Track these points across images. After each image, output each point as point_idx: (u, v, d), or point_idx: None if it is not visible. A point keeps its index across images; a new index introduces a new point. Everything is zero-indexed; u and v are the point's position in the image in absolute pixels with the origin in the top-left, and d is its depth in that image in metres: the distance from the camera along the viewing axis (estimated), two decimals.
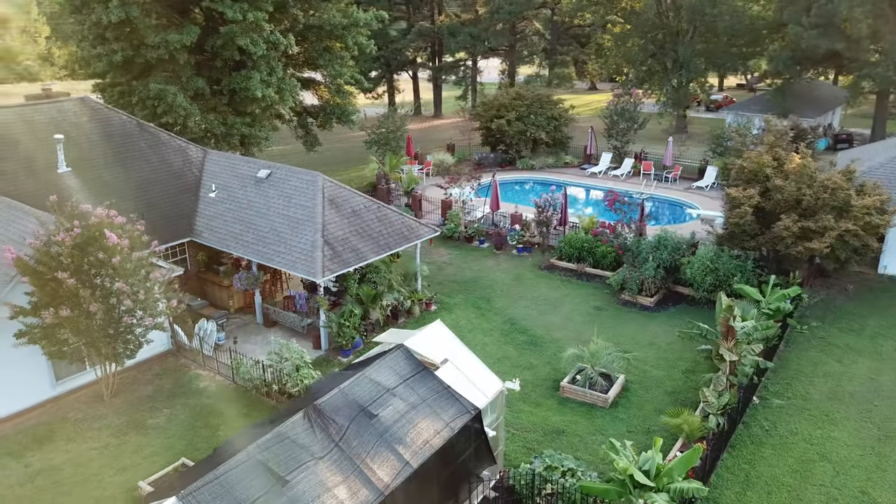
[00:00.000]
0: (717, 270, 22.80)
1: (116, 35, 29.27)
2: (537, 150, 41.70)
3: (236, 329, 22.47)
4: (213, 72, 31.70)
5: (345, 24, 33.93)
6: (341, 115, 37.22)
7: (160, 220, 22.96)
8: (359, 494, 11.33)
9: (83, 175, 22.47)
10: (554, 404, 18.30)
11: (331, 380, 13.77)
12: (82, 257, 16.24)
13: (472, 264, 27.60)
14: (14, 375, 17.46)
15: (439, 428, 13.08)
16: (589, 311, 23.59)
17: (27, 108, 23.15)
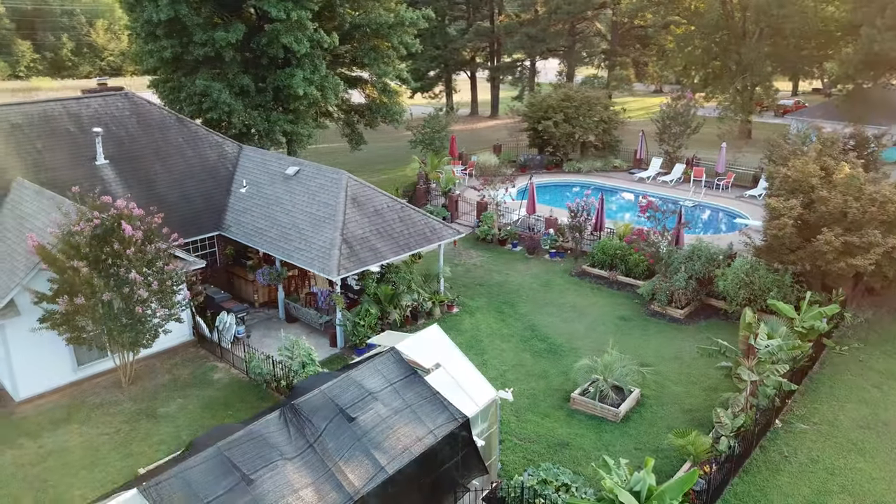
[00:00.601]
0: (752, 284, 21.70)
1: (166, 32, 30.20)
2: (586, 153, 40.82)
3: (259, 323, 22.80)
4: (259, 69, 32.31)
5: (391, 23, 34.00)
6: (387, 113, 37.35)
7: (191, 213, 23.55)
8: (326, 498, 11.21)
9: (120, 167, 23.22)
10: (562, 416, 17.78)
11: (317, 379, 13.71)
12: (100, 247, 16.74)
13: (502, 267, 27.19)
14: (38, 359, 18.16)
15: (421, 434, 12.83)
16: (615, 320, 22.86)
17: (72, 101, 24.09)
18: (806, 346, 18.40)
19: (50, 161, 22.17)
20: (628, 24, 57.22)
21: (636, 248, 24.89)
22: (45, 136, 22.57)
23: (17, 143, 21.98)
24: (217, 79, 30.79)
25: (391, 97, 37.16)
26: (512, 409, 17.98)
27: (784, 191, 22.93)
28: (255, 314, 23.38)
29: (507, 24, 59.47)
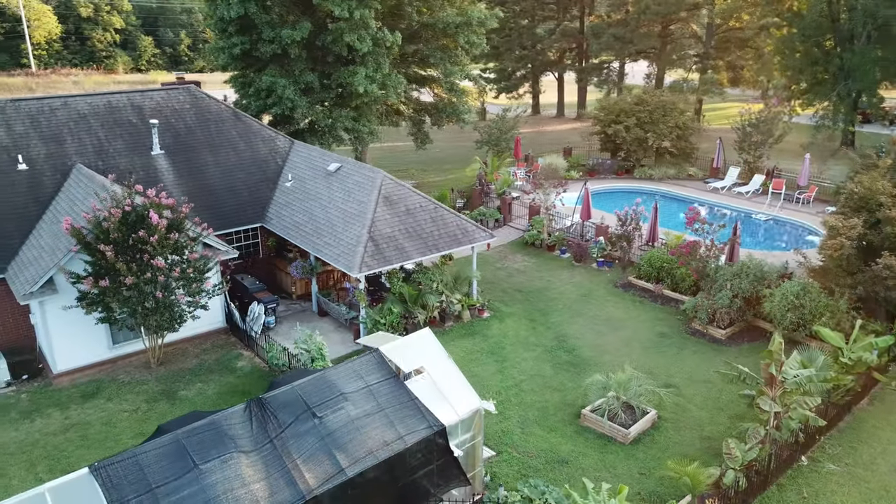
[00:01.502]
0: (802, 308, 20.09)
1: (237, 29, 31.35)
2: (661, 159, 39.15)
3: (292, 315, 23.29)
4: (325, 66, 32.97)
5: (458, 23, 33.84)
6: (453, 113, 37.23)
7: (236, 203, 24.36)
8: (277, 494, 11.24)
9: (174, 157, 24.32)
10: (570, 432, 17.10)
11: (297, 375, 13.78)
12: (127, 233, 17.57)
13: (546, 274, 26.50)
14: (76, 335, 19.29)
15: (390, 439, 12.65)
16: (651, 336, 21.78)
17: (136, 94, 25.46)
18: (846, 380, 16.86)
19: (110, 149, 23.51)
20: (724, 26, 54.45)
21: (681, 261, 23.58)
22: (107, 126, 23.94)
23: (83, 132, 23.43)
24: (283, 75, 31.66)
25: (459, 96, 36.99)
26: (518, 421, 17.50)
27: (848, 208, 21.13)
28: (290, 306, 23.91)
29: (594, 25, 57.96)
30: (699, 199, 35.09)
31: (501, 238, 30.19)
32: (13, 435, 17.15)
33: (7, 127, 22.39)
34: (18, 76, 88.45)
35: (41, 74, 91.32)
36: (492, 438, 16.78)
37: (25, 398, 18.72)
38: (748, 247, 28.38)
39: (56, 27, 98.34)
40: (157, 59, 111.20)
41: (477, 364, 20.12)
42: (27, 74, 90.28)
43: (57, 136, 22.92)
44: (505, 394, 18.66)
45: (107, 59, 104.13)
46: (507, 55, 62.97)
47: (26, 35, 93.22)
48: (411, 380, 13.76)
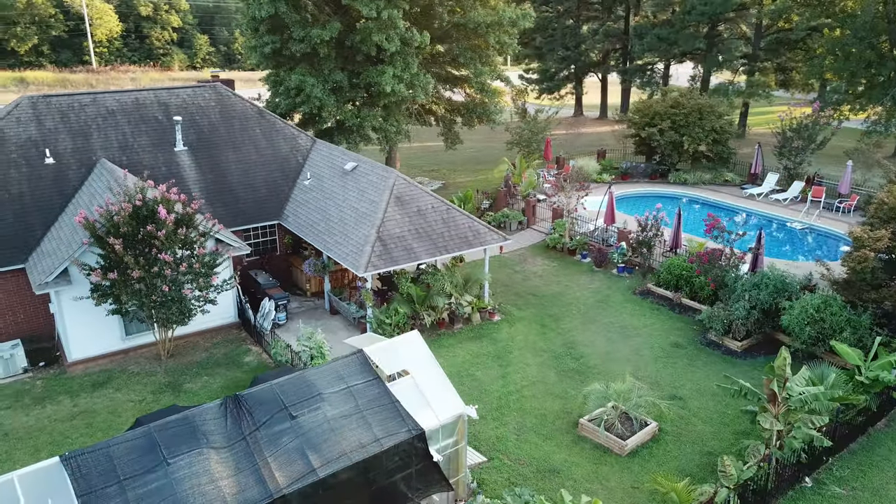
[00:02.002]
0: (822, 321, 19.24)
1: (268, 28, 31.82)
2: (697, 164, 38.13)
3: (305, 312, 23.49)
4: (354, 66, 33.18)
5: (489, 23, 33.60)
6: (483, 113, 36.99)
7: (255, 200, 24.69)
8: (246, 492, 11.30)
9: (196, 154, 24.81)
10: (566, 441, 16.75)
11: (279, 373, 13.85)
12: (137, 227, 17.97)
13: (563, 278, 26.08)
14: (90, 325, 19.83)
15: (366, 441, 12.59)
16: (664, 346, 21.19)
17: (164, 91, 26.05)
18: (858, 399, 16.06)
19: (134, 145, 24.12)
20: (774, 28, 52.66)
21: (697, 270, 22.88)
22: (133, 122, 24.57)
23: (109, 128, 24.09)
24: (313, 74, 31.98)
25: (489, 97, 36.71)
26: (514, 428, 17.24)
27: (877, 219, 20.16)
28: (304, 303, 24.13)
29: (638, 26, 56.81)
30: (733, 205, 34.09)
31: (523, 241, 29.88)
32: (24, 420, 17.74)
33: (38, 122, 23.19)
34: (80, 73, 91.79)
35: (101, 71, 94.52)
36: (485, 444, 16.60)
37: (40, 384, 19.36)
38: (778, 256, 27.45)
39: (117, 25, 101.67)
40: (211, 58, 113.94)
41: (480, 368, 19.92)
42: (88, 71, 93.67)
43: (84, 131, 23.63)
44: (505, 399, 18.42)
45: (164, 57, 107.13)
46: (549, 56, 62.38)
47: (88, 33, 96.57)
48: (394, 382, 13.67)
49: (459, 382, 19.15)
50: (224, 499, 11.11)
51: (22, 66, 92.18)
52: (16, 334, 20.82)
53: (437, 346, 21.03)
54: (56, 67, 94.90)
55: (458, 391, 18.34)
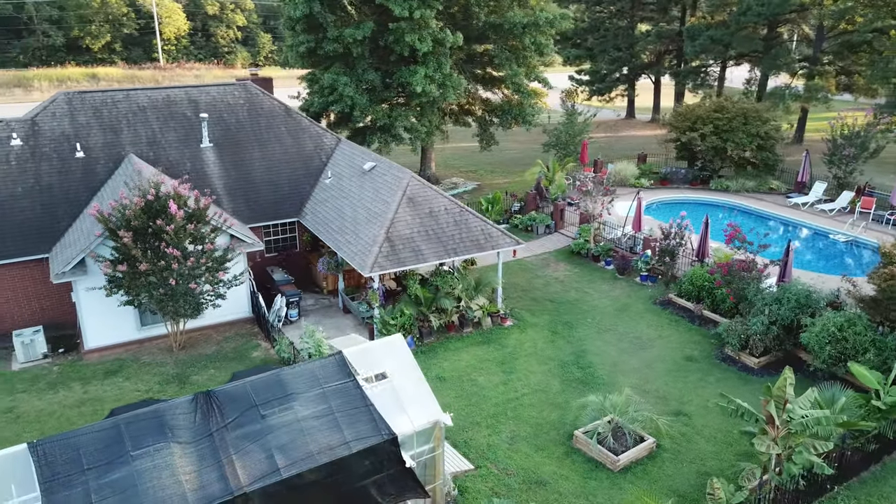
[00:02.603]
0: (844, 341, 18.22)
1: (304, 28, 32.22)
2: (742, 170, 36.72)
3: (319, 310, 23.67)
4: (389, 65, 33.27)
5: (525, 23, 33.17)
6: (519, 114, 36.52)
7: (276, 197, 25.03)
8: (206, 488, 11.39)
9: (221, 150, 25.31)
10: (558, 452, 16.35)
11: (258, 370, 13.93)
12: (146, 221, 18.43)
13: (584, 285, 25.50)
14: (106, 315, 20.45)
15: (334, 444, 12.53)
16: (677, 359, 20.46)
17: (194, 89, 26.68)
18: (869, 425, 15.12)
19: (162, 141, 24.78)
20: (837, 29, 50.27)
21: (717, 281, 21.99)
22: (162, 119, 25.24)
23: (139, 124, 24.81)
24: (347, 74, 32.23)
25: (526, 98, 36.21)
26: (507, 436, 16.93)
27: None
28: (319, 301, 24.32)
29: (690, 27, 55.08)
30: (774, 214, 32.71)
31: (549, 245, 29.39)
32: (36, 404, 18.42)
33: (71, 117, 24.07)
34: (148, 70, 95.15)
35: (167, 68, 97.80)
36: (475, 451, 16.35)
37: (56, 370, 20.08)
38: (815, 270, 26.17)
39: (185, 24, 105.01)
40: (273, 55, 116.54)
41: (482, 373, 19.65)
42: (155, 68, 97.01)
43: (115, 126, 24.41)
44: (502, 406, 18.12)
45: (228, 55, 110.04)
46: (601, 57, 61.24)
47: (157, 31, 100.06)
48: (371, 386, 13.57)
49: (459, 387, 18.97)
50: (184, 494, 11.23)
51: (95, 62, 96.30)
52: (40, 321, 21.66)
53: (443, 350, 20.88)
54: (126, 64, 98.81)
55: (456, 396, 18.34)
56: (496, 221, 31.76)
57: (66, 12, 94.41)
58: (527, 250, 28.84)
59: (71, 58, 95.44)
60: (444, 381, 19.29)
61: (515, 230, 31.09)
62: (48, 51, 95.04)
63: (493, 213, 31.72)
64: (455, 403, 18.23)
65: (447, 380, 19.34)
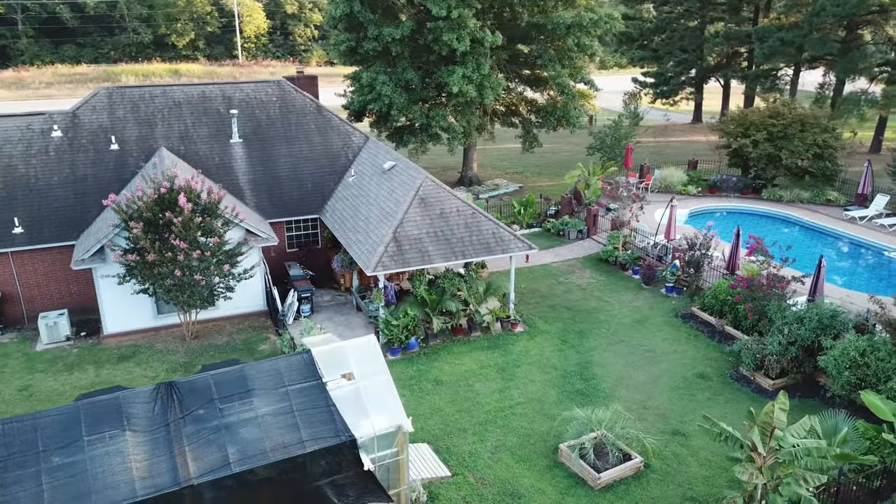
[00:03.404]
0: (865, 366, 16.94)
1: (345, 27, 32.58)
2: (799, 180, 34.74)
3: (333, 307, 23.86)
4: (428, 65, 33.21)
5: (569, 24, 32.45)
6: (563, 116, 35.74)
7: (299, 194, 25.38)
8: (155, 478, 11.60)
9: (250, 146, 25.87)
10: (541, 465, 15.87)
11: (227, 364, 14.09)
12: (156, 213, 19.00)
13: (606, 294, 24.71)
14: (125, 302, 21.23)
15: (289, 442, 12.54)
16: (688, 376, 19.54)
17: (228, 85, 27.37)
18: (870, 460, 13.99)
19: (194, 135, 25.53)
20: None
21: (737, 296, 20.85)
22: (196, 114, 26.01)
23: (173, 118, 25.66)
24: (386, 72, 32.37)
25: (570, 100, 35.38)
26: (491, 445, 16.57)
27: None
28: (336, 297, 24.51)
29: (760, 28, 52.54)
30: (825, 228, 30.85)
31: (578, 251, 28.66)
32: (50, 384, 19.30)
33: (110, 111, 25.13)
34: (227, 66, 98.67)
35: (245, 65, 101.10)
36: (455, 458, 16.08)
37: (75, 353, 20.99)
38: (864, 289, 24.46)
39: (264, 22, 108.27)
40: None
41: (481, 379, 19.32)
42: (234, 65, 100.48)
43: (150, 120, 25.32)
44: (493, 414, 17.74)
45: (304, 53, 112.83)
46: (666, 58, 59.36)
47: (237, 29, 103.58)
48: (336, 386, 13.51)
49: (455, 392, 18.72)
50: (132, 481, 11.47)
51: (179, 59, 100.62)
52: (68, 305, 22.71)
53: (447, 353, 20.67)
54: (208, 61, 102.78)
55: (450, 400, 18.13)
56: (528, 225, 31.32)
57: (155, 10, 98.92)
58: (555, 255, 28.29)
59: (157, 54, 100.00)
60: (440, 384, 19.07)
61: (547, 234, 30.53)
62: (137, 47, 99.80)
63: (525, 216, 31.21)
64: (447, 408, 18.01)
65: (444, 384, 19.11)
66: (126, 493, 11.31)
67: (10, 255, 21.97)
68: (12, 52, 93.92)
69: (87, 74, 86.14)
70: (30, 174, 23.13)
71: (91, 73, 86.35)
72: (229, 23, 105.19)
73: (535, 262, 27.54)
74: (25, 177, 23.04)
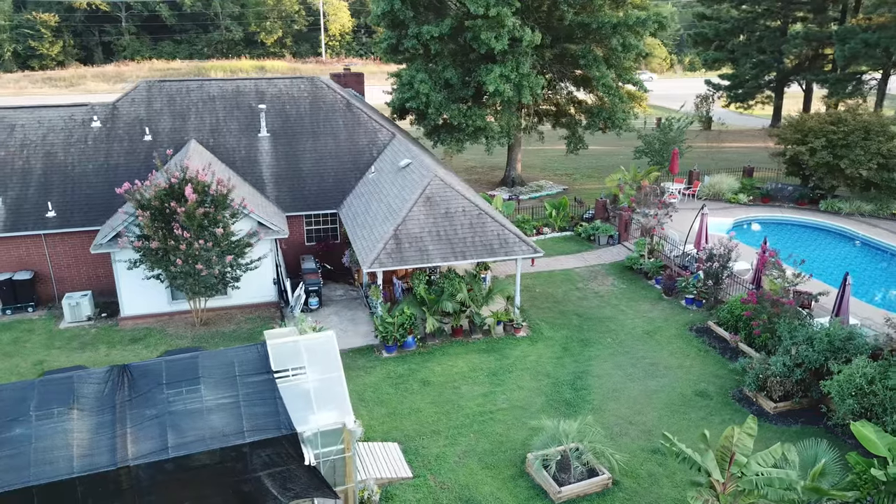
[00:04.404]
0: (872, 395, 15.61)
1: (388, 24, 32.81)
2: (866, 191, 32.34)
3: (344, 301, 24.09)
4: (469, 64, 32.98)
5: (614, 23, 31.46)
6: (608, 118, 34.69)
7: (320, 188, 25.76)
8: (94, 457, 12.01)
9: (276, 140, 26.48)
10: (506, 474, 15.48)
11: (186, 351, 14.43)
12: (165, 202, 19.73)
13: (623, 303, 23.82)
14: (141, 287, 22.13)
15: (230, 431, 12.72)
16: (686, 393, 18.57)
17: (263, 81, 28.09)
18: (844, 496, 12.86)
19: (223, 129, 26.37)
20: None
21: (746, 312, 19.60)
22: (228, 108, 26.85)
23: (206, 112, 26.59)
24: (426, 70, 32.38)
25: (617, 102, 34.28)
26: (461, 449, 16.31)
27: None
28: (349, 292, 24.74)
29: (842, 29, 49.22)
30: (883, 244, 28.58)
31: (606, 257, 27.77)
32: (62, 362, 20.35)
33: (148, 103, 26.30)
34: (310, 63, 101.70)
35: (328, 63, 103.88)
36: (421, 460, 15.92)
37: (93, 333, 22.09)
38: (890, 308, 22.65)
39: (349, 21, 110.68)
40: None
41: (469, 382, 19.02)
42: (317, 62, 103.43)
43: (184, 113, 26.33)
44: (471, 418, 17.44)
45: None
46: (743, 60, 56.66)
47: (322, 28, 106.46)
48: (286, 379, 13.61)
49: (439, 393, 18.53)
50: (71, 458, 11.93)
51: (267, 55, 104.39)
52: (94, 287, 23.92)
53: (442, 354, 20.48)
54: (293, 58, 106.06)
55: (431, 402, 18.00)
56: (561, 228, 30.63)
57: (247, 9, 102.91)
58: (580, 261, 27.55)
59: (246, 51, 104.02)
60: (427, 385, 18.92)
61: (577, 239, 29.76)
62: (228, 44, 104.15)
63: (557, 219, 30.52)
64: (427, 409, 17.85)
65: (431, 384, 18.94)
66: (64, 469, 11.78)
67: (44, 237, 23.34)
68: (116, 48, 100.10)
69: (180, 70, 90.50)
70: (67, 161, 24.52)
71: (183, 69, 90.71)
72: (316, 21, 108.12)
73: (558, 266, 26.92)
74: (63, 164, 24.44)
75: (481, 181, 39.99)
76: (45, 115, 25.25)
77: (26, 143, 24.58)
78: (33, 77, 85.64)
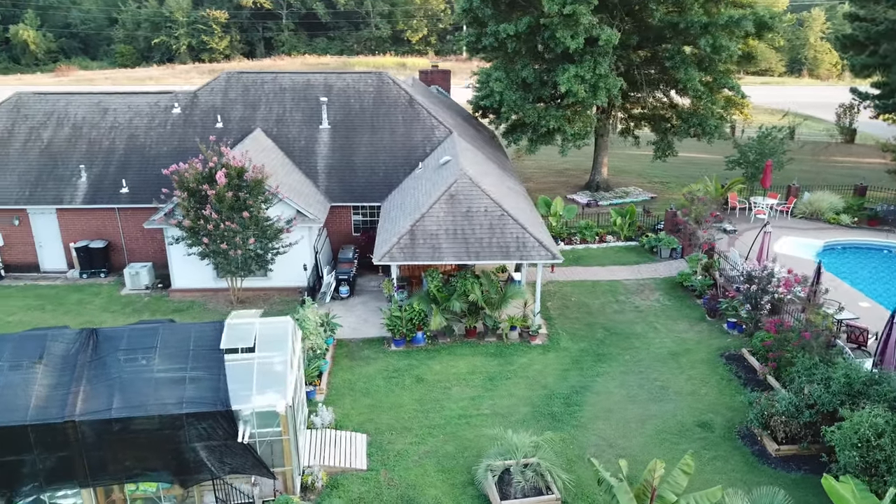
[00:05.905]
0: (878, 449, 13.66)
1: (468, 22, 32.79)
2: None
3: (376, 292, 24.50)
4: (547, 63, 32.20)
5: (704, 23, 29.39)
6: (699, 124, 32.44)
7: (368, 181, 26.35)
8: (46, 409, 13.16)
9: (335, 132, 27.39)
10: (459, 479, 15.18)
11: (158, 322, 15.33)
12: (200, 184, 21.12)
13: (660, 321, 22.34)
14: (189, 263, 23.78)
15: (170, 401, 13.49)
16: (686, 423, 17.16)
17: (333, 75, 29.11)
18: None
19: (288, 119, 27.66)
20: None
21: (766, 341, 17.63)
22: (296, 100, 28.13)
23: (274, 103, 28.03)
24: (504, 69, 32.03)
25: (707, 107, 31.98)
26: (425, 449, 16.20)
27: None
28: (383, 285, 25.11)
29: None
30: None
31: (661, 271, 26.17)
32: (109, 324, 22.38)
33: (224, 93, 28.15)
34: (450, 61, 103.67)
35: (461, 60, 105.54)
36: (382, 454, 16.00)
37: (146, 301, 24.08)
38: None
39: None
40: None
41: (462, 384, 18.76)
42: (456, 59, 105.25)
43: (255, 103, 27.91)
44: (448, 420, 17.23)
45: None
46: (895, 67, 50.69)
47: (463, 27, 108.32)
48: (234, 358, 14.16)
49: (427, 392, 18.46)
50: (27, 408, 13.21)
51: (411, 52, 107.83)
52: (155, 259, 26.00)
53: (447, 353, 20.35)
54: (435, 56, 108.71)
55: (416, 399, 18.19)
56: (627, 238, 29.23)
57: (396, 7, 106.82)
58: (633, 272, 26.19)
59: (392, 48, 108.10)
60: (420, 382, 18.89)
61: (639, 250, 28.27)
62: (376, 41, 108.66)
63: (623, 227, 29.12)
64: (408, 406, 17.86)
65: (424, 382, 18.89)
66: (19, 417, 13.10)
67: (117, 211, 25.72)
68: (276, 43, 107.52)
69: (328, 65, 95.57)
70: (147, 143, 26.83)
71: (332, 64, 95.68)
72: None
73: (607, 276, 25.76)
74: (143, 146, 26.77)
75: (568, 184, 38.94)
76: (134, 101, 27.79)
77: (115, 126, 27.19)
78: (201, 69, 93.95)
